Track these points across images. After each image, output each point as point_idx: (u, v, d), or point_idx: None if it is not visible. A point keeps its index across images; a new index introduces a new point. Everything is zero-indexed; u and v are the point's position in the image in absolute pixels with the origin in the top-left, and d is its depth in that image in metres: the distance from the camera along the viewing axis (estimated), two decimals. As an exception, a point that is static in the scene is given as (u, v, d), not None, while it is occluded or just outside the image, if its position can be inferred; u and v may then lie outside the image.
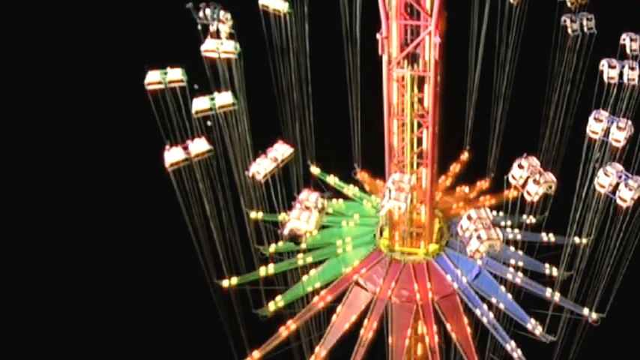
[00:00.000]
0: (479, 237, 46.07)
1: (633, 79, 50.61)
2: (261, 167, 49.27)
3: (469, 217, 47.17)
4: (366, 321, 55.56)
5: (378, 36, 46.73)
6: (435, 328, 55.17)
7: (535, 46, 56.91)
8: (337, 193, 62.24)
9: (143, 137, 53.25)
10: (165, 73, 48.79)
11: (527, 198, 47.45)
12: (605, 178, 47.95)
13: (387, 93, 49.58)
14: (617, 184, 47.73)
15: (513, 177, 47.80)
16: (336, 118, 61.55)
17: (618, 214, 49.01)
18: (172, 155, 48.68)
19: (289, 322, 56.63)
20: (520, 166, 47.78)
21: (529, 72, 58.76)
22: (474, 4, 55.59)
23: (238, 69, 50.75)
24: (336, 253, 58.20)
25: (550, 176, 47.57)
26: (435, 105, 49.26)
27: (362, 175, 63.22)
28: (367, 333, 55.30)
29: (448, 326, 55.21)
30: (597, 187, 48.19)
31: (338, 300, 56.79)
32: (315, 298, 56.55)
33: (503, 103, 59.51)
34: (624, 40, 51.94)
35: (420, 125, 51.01)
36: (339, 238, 58.61)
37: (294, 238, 48.41)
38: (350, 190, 62.47)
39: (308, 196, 47.87)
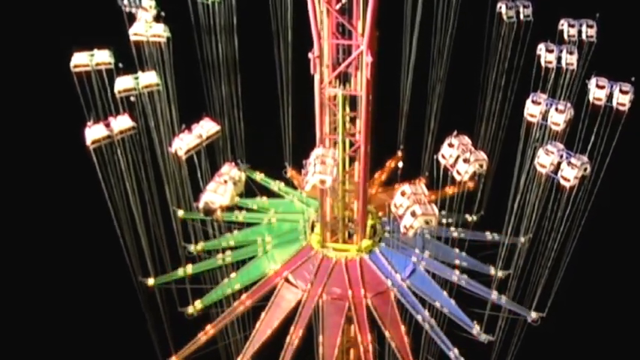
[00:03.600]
0: (413, 213, 42.18)
1: (572, 64, 47.13)
2: (184, 143, 45.00)
3: (403, 193, 43.33)
4: (295, 319, 51.10)
5: (310, 55, 43.95)
6: (367, 326, 50.86)
7: (469, 33, 53.53)
8: (264, 190, 58.22)
9: (65, 121, 49.89)
10: (92, 55, 45.28)
11: (457, 177, 44.01)
12: (546, 157, 43.75)
13: (319, 112, 46.61)
14: (559, 164, 43.69)
15: (443, 156, 44.39)
16: (268, 114, 57.78)
17: (560, 199, 45.14)
18: (94, 132, 44.47)
19: (208, 327, 52.29)
20: (450, 145, 44.43)
21: (464, 62, 55.36)
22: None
23: (167, 52, 47.44)
24: (265, 250, 53.80)
25: (481, 154, 44.15)
26: (367, 124, 46.38)
27: (292, 173, 59.14)
28: (297, 331, 50.79)
29: (381, 325, 50.83)
30: (538, 168, 44.00)
31: (266, 298, 52.26)
32: (243, 296, 52.12)
33: (437, 98, 55.95)
34: (562, 25, 48.56)
35: (352, 144, 48.09)
36: (268, 235, 54.52)
37: (209, 212, 44.13)
38: (277, 185, 58.82)
39: (229, 171, 44.41)
